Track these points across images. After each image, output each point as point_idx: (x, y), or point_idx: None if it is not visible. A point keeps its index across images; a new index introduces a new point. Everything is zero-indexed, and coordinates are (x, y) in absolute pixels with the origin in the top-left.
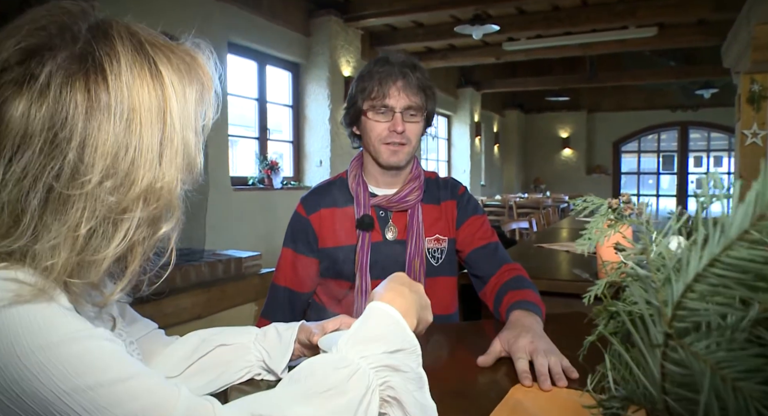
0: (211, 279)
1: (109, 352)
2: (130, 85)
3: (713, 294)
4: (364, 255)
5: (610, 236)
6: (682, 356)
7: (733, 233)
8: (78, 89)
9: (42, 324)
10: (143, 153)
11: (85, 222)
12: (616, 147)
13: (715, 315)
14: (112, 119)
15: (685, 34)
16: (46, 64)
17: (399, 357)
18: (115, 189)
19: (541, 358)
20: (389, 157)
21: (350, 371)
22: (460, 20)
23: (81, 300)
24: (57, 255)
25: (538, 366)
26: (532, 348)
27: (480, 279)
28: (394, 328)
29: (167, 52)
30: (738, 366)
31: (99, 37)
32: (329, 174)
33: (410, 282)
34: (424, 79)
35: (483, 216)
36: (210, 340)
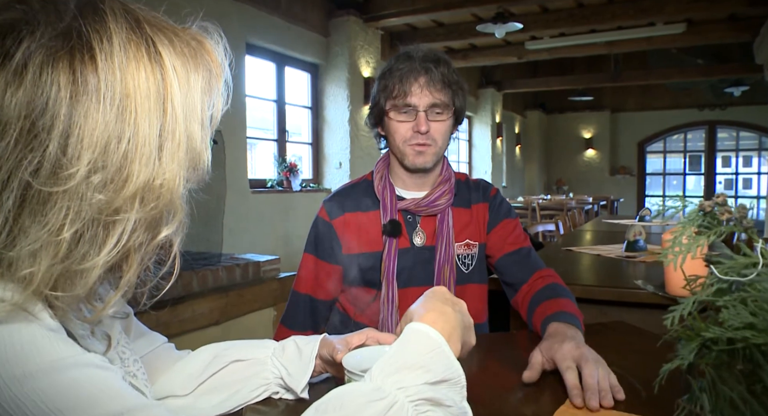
0: (229, 283)
1: (99, 383)
2: (123, 67)
3: None
4: (390, 263)
5: (703, 246)
6: None
7: None
8: (61, 70)
9: (19, 350)
10: (139, 145)
11: (69, 225)
12: (641, 147)
13: None
14: (102, 105)
15: (715, 30)
16: (23, 41)
17: (442, 390)
18: (105, 186)
19: (591, 368)
20: (414, 158)
21: (386, 405)
22: (481, 19)
23: (68, 316)
24: (36, 264)
25: (586, 377)
26: (578, 354)
27: (511, 287)
28: (436, 355)
29: (169, 34)
30: None
31: (88, 12)
32: (349, 176)
33: (452, 300)
34: (449, 73)
35: (515, 220)
36: (223, 355)
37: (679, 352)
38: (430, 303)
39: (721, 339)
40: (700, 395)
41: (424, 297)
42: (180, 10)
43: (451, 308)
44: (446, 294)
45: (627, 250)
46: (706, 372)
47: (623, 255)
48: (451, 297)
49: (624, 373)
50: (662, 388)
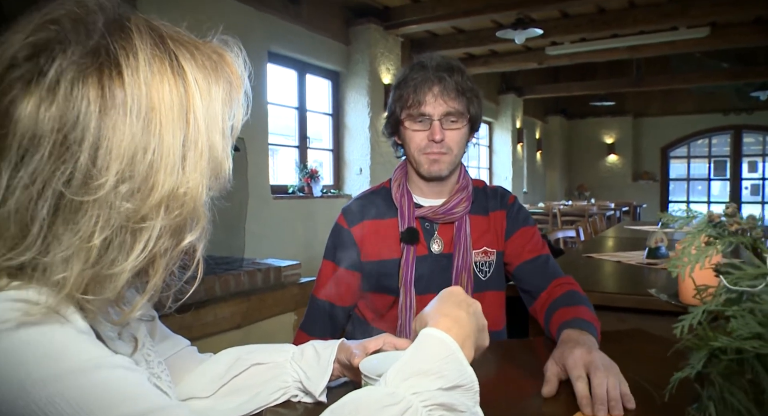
0: (251, 288)
1: (126, 384)
2: (148, 81)
3: None
4: (408, 270)
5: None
6: None
7: None
8: (91, 86)
9: (52, 350)
10: (163, 155)
11: (100, 232)
12: (664, 152)
13: None
14: (129, 118)
15: (740, 33)
16: (56, 59)
17: (455, 395)
18: (133, 194)
19: (600, 377)
20: (430, 167)
21: (400, 409)
22: (501, 25)
23: (98, 318)
24: (69, 269)
25: (595, 387)
26: (588, 360)
27: (529, 294)
28: (450, 361)
29: (191, 48)
30: None
31: (115, 30)
32: (369, 182)
33: (467, 301)
34: (463, 81)
35: (533, 228)
36: (244, 359)
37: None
38: (446, 307)
39: (730, 348)
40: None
41: (439, 298)
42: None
43: (466, 312)
44: (461, 295)
45: (648, 257)
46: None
47: (644, 262)
48: (466, 298)
49: (639, 380)
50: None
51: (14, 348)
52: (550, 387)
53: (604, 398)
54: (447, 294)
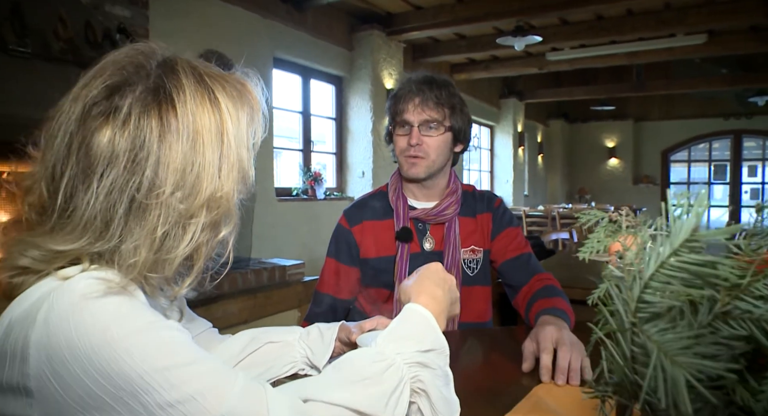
0: (257, 286)
1: (179, 339)
2: (194, 111)
3: (664, 289)
4: (403, 265)
5: (608, 245)
6: (642, 339)
7: (676, 242)
8: (153, 117)
9: (127, 314)
10: (206, 168)
11: (161, 226)
12: (664, 156)
13: (667, 306)
14: (180, 141)
15: (737, 40)
16: (126, 97)
17: (430, 356)
18: (184, 198)
19: (565, 351)
20: (408, 169)
21: (386, 364)
22: (502, 31)
23: (156, 292)
24: (139, 254)
25: (559, 358)
26: (557, 337)
27: (513, 289)
28: (427, 330)
29: (222, 82)
30: (677, 345)
31: (168, 72)
32: (371, 185)
33: (444, 279)
34: (443, 95)
35: (517, 229)
36: (259, 338)
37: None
38: (426, 284)
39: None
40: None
41: (420, 274)
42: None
43: (442, 289)
44: (440, 272)
45: None
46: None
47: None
48: (444, 275)
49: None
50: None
51: (99, 311)
52: (529, 363)
53: (565, 369)
54: (427, 272)
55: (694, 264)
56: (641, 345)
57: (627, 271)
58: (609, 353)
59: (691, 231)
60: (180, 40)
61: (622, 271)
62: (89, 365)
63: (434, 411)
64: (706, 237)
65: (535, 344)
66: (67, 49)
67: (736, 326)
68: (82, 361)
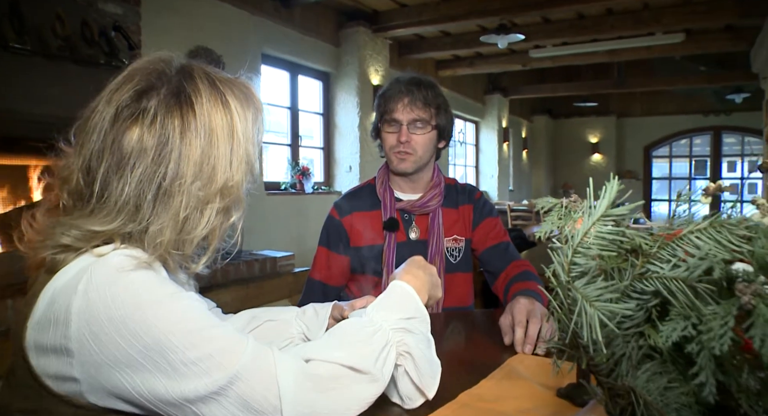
0: (249, 276)
1: (198, 307)
2: (209, 112)
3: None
4: (390, 253)
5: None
6: (573, 293)
7: (595, 217)
8: (175, 117)
9: (154, 285)
10: (219, 160)
11: (182, 211)
12: (647, 152)
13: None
14: (199, 137)
15: (713, 39)
16: (152, 100)
17: (412, 323)
18: (202, 187)
19: (536, 322)
20: (397, 164)
21: (375, 329)
22: (486, 29)
23: (176, 268)
24: (164, 234)
25: (530, 329)
26: (530, 309)
27: (492, 274)
28: (409, 301)
29: (230, 86)
30: (593, 292)
31: (186, 78)
32: (358, 179)
33: (425, 265)
34: (429, 95)
35: (496, 219)
36: (259, 316)
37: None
38: (408, 268)
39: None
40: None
41: (406, 263)
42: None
43: (423, 272)
44: (421, 262)
45: None
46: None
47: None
48: (425, 263)
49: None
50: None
51: (131, 283)
52: (509, 337)
53: (533, 338)
54: (410, 261)
55: (608, 233)
56: (573, 298)
57: (564, 241)
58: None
59: (605, 209)
60: (170, 36)
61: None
62: (123, 328)
63: (418, 371)
64: (615, 214)
65: (510, 317)
66: (64, 47)
67: (648, 284)
68: (117, 325)
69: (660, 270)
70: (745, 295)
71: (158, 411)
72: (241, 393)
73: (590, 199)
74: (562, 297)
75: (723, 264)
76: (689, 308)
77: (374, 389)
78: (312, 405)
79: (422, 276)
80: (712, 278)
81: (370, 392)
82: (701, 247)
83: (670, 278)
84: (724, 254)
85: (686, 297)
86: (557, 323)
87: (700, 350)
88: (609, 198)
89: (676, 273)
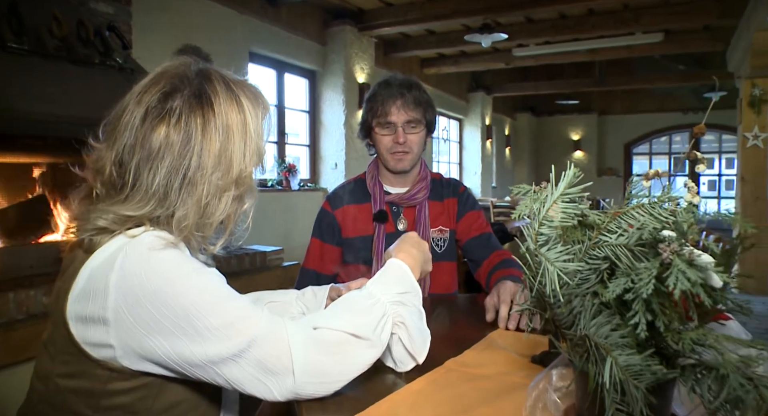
0: (240, 270)
1: (219, 281)
2: (226, 110)
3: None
4: (380, 243)
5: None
6: (539, 257)
7: (555, 195)
8: (197, 116)
9: (182, 261)
10: (235, 153)
11: (204, 198)
12: (627, 149)
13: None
14: (217, 133)
15: (691, 39)
16: (176, 101)
17: (406, 297)
18: (221, 177)
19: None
20: (396, 164)
21: (373, 301)
22: (470, 28)
23: (197, 250)
24: (189, 218)
25: (513, 308)
26: (514, 290)
27: (475, 263)
28: (404, 277)
29: (242, 87)
30: (553, 254)
31: (205, 80)
32: (344, 176)
33: (418, 242)
34: (420, 95)
35: (479, 211)
36: (262, 298)
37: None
38: (404, 245)
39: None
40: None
41: (400, 239)
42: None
43: (417, 249)
44: (414, 238)
45: None
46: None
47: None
48: (418, 240)
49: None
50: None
51: (162, 259)
52: (491, 314)
53: (516, 316)
54: (405, 237)
55: (567, 208)
56: (539, 262)
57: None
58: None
59: (564, 189)
60: (159, 35)
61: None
62: (155, 298)
63: (411, 338)
64: (570, 193)
65: (495, 298)
66: (61, 47)
67: (600, 251)
68: (150, 296)
69: (609, 240)
70: (665, 253)
71: (185, 372)
72: (258, 355)
73: (553, 182)
74: (530, 262)
75: (654, 231)
76: (629, 268)
77: (373, 353)
78: (319, 366)
79: (416, 253)
80: (645, 242)
81: (369, 356)
82: (640, 220)
83: (616, 245)
84: (655, 224)
85: (628, 259)
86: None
87: (635, 297)
88: (567, 181)
89: (620, 241)
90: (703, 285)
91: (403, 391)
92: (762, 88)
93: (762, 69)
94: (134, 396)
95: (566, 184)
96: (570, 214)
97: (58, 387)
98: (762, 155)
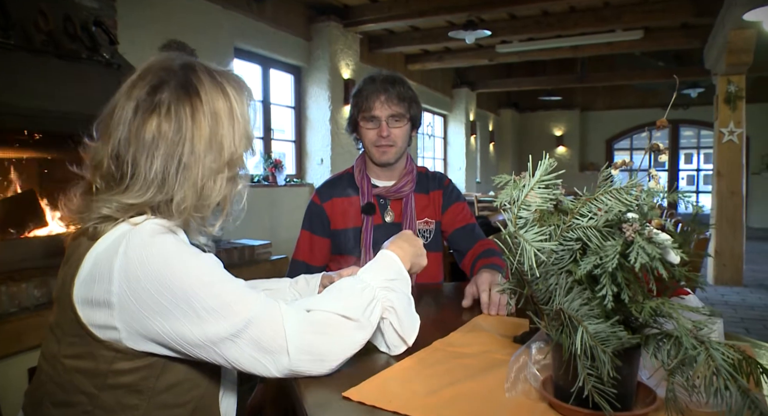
0: (228, 263)
1: (216, 264)
2: (213, 99)
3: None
4: (368, 235)
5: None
6: (518, 238)
7: (532, 182)
8: (186, 105)
9: (181, 246)
10: (225, 137)
11: (200, 180)
12: (608, 145)
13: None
14: (205, 120)
15: (670, 36)
16: (164, 93)
17: (395, 283)
18: (214, 160)
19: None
20: (380, 156)
21: (364, 286)
22: (454, 25)
23: (197, 232)
24: (187, 201)
25: (493, 295)
26: (492, 280)
27: (459, 253)
28: (393, 265)
29: (226, 77)
30: (531, 235)
31: (190, 72)
32: (330, 171)
33: (411, 238)
34: (403, 91)
35: (463, 203)
36: (257, 286)
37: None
38: (398, 241)
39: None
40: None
41: (395, 237)
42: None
43: (409, 244)
44: (409, 235)
45: None
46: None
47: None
48: (411, 237)
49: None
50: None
51: (163, 245)
52: (468, 301)
53: (496, 302)
54: (401, 234)
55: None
56: (518, 243)
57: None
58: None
59: (540, 176)
60: (144, 30)
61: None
62: (156, 282)
63: (401, 322)
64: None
65: (474, 287)
66: (48, 41)
67: (573, 233)
68: (151, 279)
69: (581, 222)
70: (628, 231)
71: (186, 352)
72: (254, 335)
73: (530, 171)
74: (510, 243)
75: (619, 213)
76: (599, 247)
77: (362, 334)
78: (311, 345)
79: (407, 247)
80: (612, 223)
81: (359, 336)
82: (607, 204)
83: (587, 227)
84: (621, 208)
85: (597, 240)
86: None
87: (602, 272)
88: (543, 168)
89: (590, 223)
90: (662, 260)
91: (394, 368)
92: (737, 85)
93: (737, 66)
94: (138, 376)
95: (542, 171)
96: (546, 199)
97: (65, 367)
98: (737, 150)
